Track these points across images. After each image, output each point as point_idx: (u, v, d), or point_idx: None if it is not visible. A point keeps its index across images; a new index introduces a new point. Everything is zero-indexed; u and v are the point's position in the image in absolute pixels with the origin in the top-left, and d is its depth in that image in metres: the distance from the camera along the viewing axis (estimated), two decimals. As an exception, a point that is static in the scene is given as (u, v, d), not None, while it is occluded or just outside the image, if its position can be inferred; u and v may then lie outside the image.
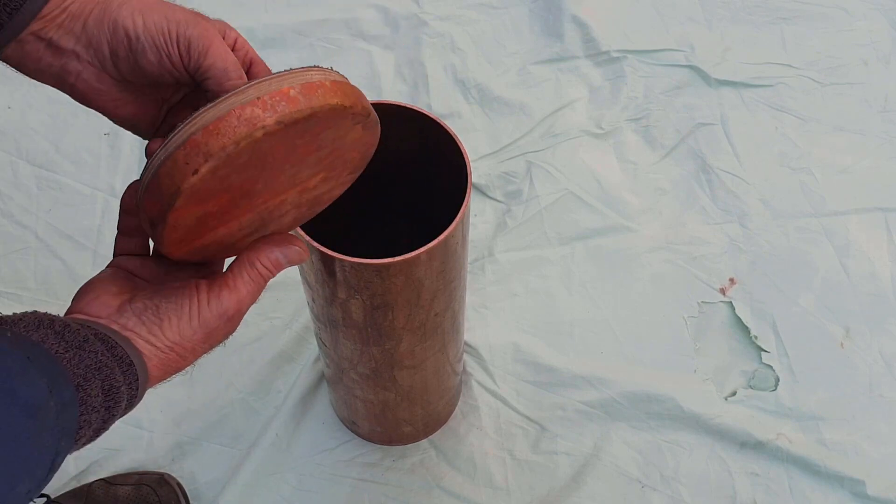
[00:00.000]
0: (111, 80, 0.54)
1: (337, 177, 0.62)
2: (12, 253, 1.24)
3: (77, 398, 0.46)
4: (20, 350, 0.44)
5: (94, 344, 0.49)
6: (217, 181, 0.52)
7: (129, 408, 0.52)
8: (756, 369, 1.17)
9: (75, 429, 0.46)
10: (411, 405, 1.00)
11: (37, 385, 0.43)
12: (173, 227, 0.54)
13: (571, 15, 1.45)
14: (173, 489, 1.03)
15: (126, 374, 0.50)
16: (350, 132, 0.58)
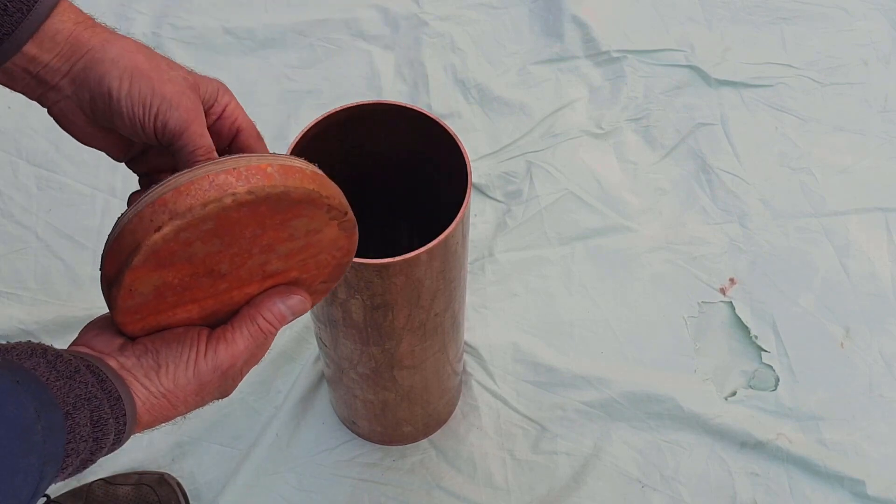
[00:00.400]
0: (85, 118, 0.55)
1: (309, 282, 0.59)
2: (12, 253, 1.24)
3: (65, 425, 0.46)
4: (9, 374, 0.44)
5: (85, 375, 0.49)
6: (180, 245, 0.50)
7: (116, 444, 0.51)
8: (756, 369, 1.17)
9: (62, 455, 0.46)
10: (411, 405, 1.00)
11: (25, 406, 0.43)
12: (128, 291, 0.52)
13: (571, 15, 1.46)
14: (173, 489, 1.03)
15: (114, 409, 0.50)
16: (326, 228, 0.56)
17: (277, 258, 0.56)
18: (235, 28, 1.44)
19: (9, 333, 1.16)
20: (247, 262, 0.55)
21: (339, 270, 0.61)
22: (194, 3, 1.48)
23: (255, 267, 0.56)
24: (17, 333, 1.16)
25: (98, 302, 1.19)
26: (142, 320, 0.55)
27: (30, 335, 1.16)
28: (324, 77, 1.42)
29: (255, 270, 0.56)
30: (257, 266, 0.56)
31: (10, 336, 1.16)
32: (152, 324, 0.55)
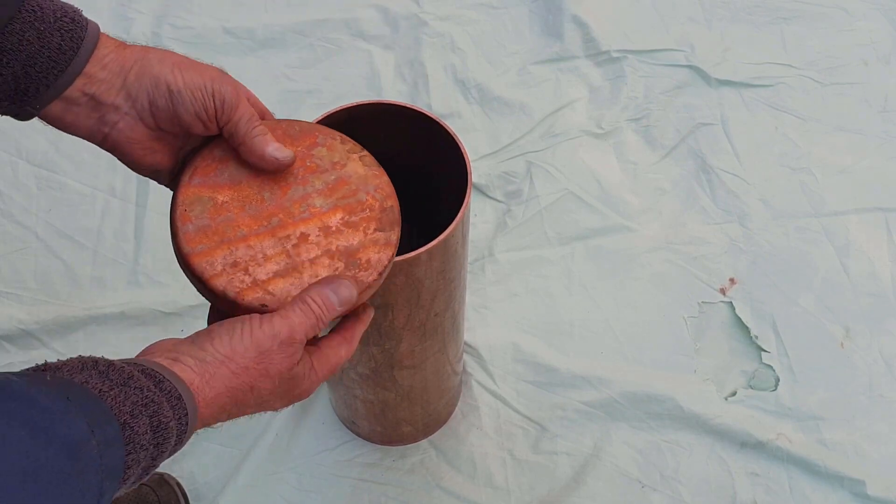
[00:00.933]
0: (144, 130, 0.59)
1: (363, 227, 0.62)
2: (12, 253, 1.24)
3: (122, 436, 0.46)
4: (59, 391, 0.44)
5: (140, 380, 0.49)
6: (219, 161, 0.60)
7: (178, 445, 0.52)
8: (756, 369, 1.17)
9: (122, 468, 0.46)
10: (411, 405, 1.00)
11: (76, 424, 0.43)
12: (183, 211, 0.58)
13: (571, 15, 1.46)
14: (173, 489, 1.03)
15: (175, 409, 0.50)
16: (349, 162, 0.63)
17: (317, 193, 0.62)
18: (235, 28, 1.44)
19: (9, 333, 1.16)
20: (287, 192, 0.61)
21: (390, 216, 0.64)
22: (194, 3, 1.48)
23: (298, 200, 0.61)
24: (17, 333, 1.16)
25: (98, 301, 1.20)
26: (207, 252, 0.58)
27: (30, 335, 1.16)
28: (324, 77, 1.42)
29: (299, 204, 0.61)
30: (300, 199, 0.61)
31: (10, 336, 1.16)
32: (218, 258, 0.58)
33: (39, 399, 0.43)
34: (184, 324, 1.18)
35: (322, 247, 0.61)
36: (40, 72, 0.54)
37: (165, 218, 1.38)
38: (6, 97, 0.54)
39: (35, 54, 0.53)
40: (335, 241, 0.61)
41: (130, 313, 1.18)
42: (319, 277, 0.60)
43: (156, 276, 1.22)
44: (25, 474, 0.40)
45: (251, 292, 0.58)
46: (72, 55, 0.55)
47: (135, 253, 1.24)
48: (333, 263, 0.60)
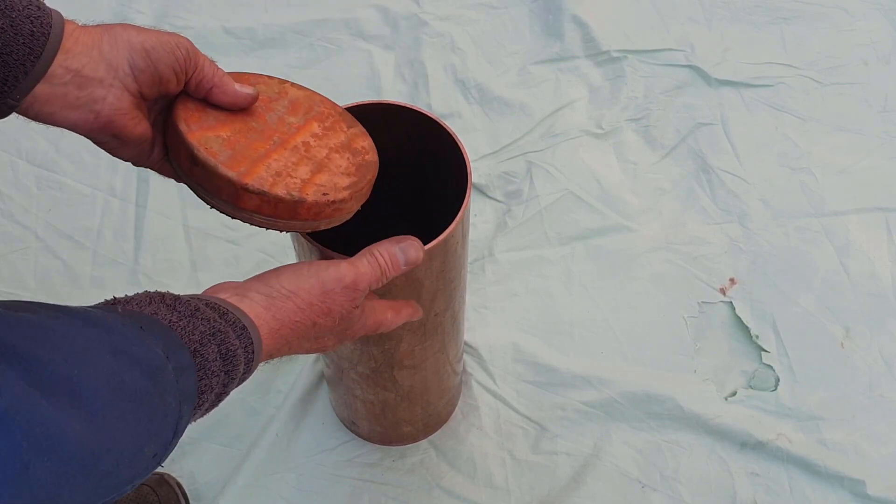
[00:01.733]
0: (129, 98, 0.60)
1: (338, 127, 0.69)
2: (12, 253, 1.24)
3: (195, 363, 0.48)
4: (133, 321, 0.46)
5: (206, 312, 0.51)
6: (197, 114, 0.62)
7: (247, 373, 0.54)
8: (756, 369, 1.17)
9: (196, 393, 0.48)
10: (411, 405, 1.00)
11: (153, 350, 0.45)
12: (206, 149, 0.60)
13: (571, 15, 1.45)
14: (173, 489, 1.03)
15: (241, 338, 0.52)
16: (285, 88, 0.69)
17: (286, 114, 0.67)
18: (235, 28, 1.44)
19: (9, 333, 1.16)
20: (265, 118, 0.66)
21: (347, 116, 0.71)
22: (194, 3, 1.48)
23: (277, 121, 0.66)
24: (17, 333, 1.16)
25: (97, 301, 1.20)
26: (250, 171, 0.61)
27: (30, 335, 1.16)
28: (324, 77, 1.42)
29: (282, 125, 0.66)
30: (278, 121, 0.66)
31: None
32: (262, 171, 0.61)
33: (117, 326, 0.44)
34: (184, 324, 1.18)
35: (325, 147, 0.67)
36: (17, 59, 0.54)
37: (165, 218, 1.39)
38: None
39: (10, 42, 0.54)
40: (329, 140, 0.68)
41: (130, 313, 1.18)
42: (342, 167, 0.66)
43: (156, 277, 1.22)
44: (114, 392, 0.41)
45: (308, 188, 0.62)
46: (44, 40, 0.55)
47: (135, 253, 1.24)
48: (343, 154, 0.67)
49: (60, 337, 0.41)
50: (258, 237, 1.25)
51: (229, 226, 1.26)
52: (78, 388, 0.39)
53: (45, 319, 0.42)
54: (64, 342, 0.41)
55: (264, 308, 0.55)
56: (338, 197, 0.63)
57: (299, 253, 0.79)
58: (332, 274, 0.58)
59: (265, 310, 0.55)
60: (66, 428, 0.38)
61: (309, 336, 0.59)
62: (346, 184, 0.64)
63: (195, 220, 1.27)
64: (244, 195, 0.60)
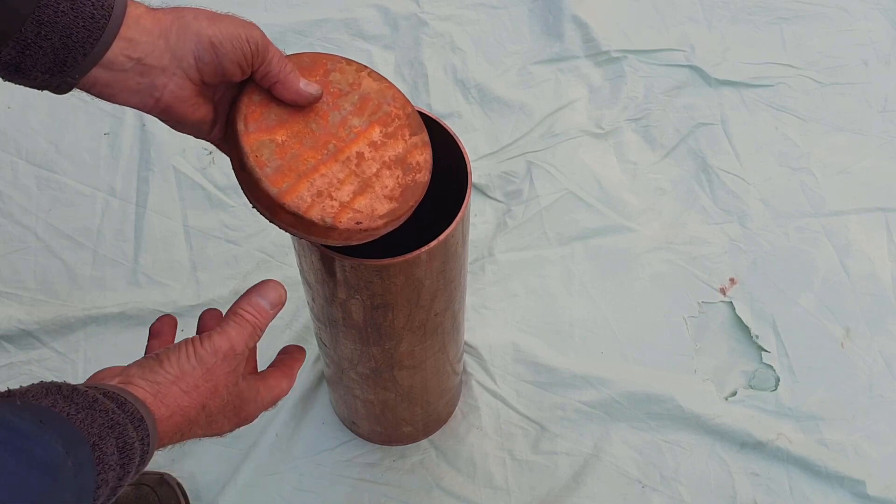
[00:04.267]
0: (191, 87, 0.62)
1: (400, 135, 0.68)
2: (12, 253, 1.24)
3: (93, 457, 0.47)
4: (32, 415, 0.46)
5: (105, 403, 0.50)
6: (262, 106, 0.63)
7: (141, 465, 0.53)
8: (756, 369, 1.17)
9: (93, 488, 0.47)
10: (411, 405, 1.00)
11: (53, 448, 0.45)
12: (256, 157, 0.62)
13: (571, 15, 1.45)
14: (173, 489, 1.03)
15: (138, 430, 0.51)
16: (363, 80, 0.69)
17: (351, 115, 0.67)
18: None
19: (9, 333, 1.16)
20: (327, 118, 0.66)
21: (415, 120, 0.70)
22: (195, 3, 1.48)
23: (339, 123, 0.67)
24: (17, 333, 1.16)
25: (98, 301, 1.20)
26: (293, 189, 0.62)
27: (30, 335, 1.16)
28: (324, 77, 1.42)
29: (342, 128, 0.66)
30: (340, 122, 0.67)
31: (10, 336, 1.16)
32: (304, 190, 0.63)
33: (16, 423, 0.44)
34: (184, 324, 1.17)
35: (378, 160, 0.67)
36: (77, 41, 0.56)
37: (165, 218, 1.39)
38: (47, 70, 0.56)
39: (70, 24, 0.55)
40: (385, 153, 0.67)
41: (130, 313, 1.18)
42: (388, 188, 0.66)
43: (156, 276, 1.22)
44: (11, 494, 0.41)
45: (344, 214, 0.63)
46: (104, 22, 0.56)
47: (135, 253, 1.24)
48: (394, 172, 0.67)
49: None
50: (258, 238, 1.25)
51: (229, 226, 1.26)
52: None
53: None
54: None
55: (152, 395, 0.54)
56: (371, 226, 0.64)
57: (299, 252, 0.79)
58: (207, 349, 0.57)
59: (153, 397, 0.55)
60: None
61: (200, 421, 0.59)
62: (384, 211, 0.65)
63: (195, 220, 1.27)
64: (280, 212, 0.62)
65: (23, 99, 1.38)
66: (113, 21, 0.57)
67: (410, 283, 0.75)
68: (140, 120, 1.35)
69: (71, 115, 1.36)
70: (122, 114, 1.35)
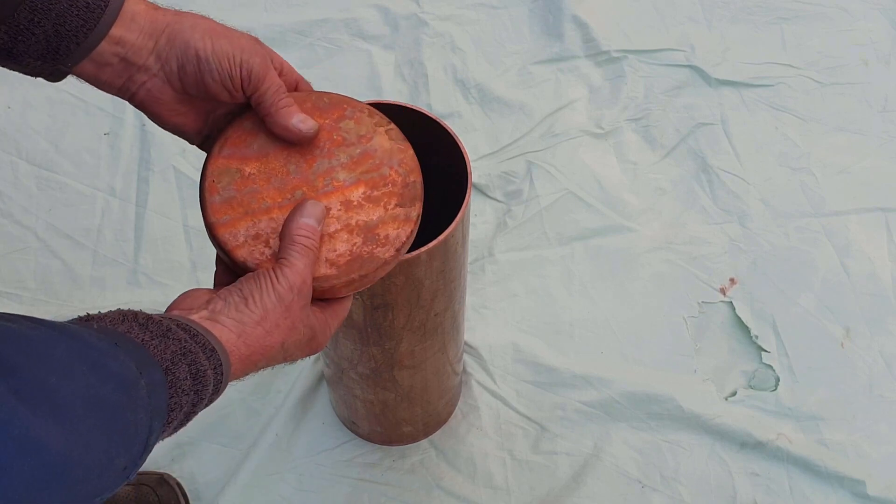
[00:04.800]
0: (171, 92, 0.61)
1: (384, 202, 0.63)
2: (12, 253, 1.24)
3: (166, 380, 0.49)
4: (108, 337, 0.47)
5: (178, 332, 0.51)
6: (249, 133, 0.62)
7: (215, 394, 0.54)
8: (756, 369, 1.17)
9: (167, 410, 0.49)
10: (411, 405, 1.00)
11: (127, 366, 0.46)
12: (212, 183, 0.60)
13: (571, 15, 1.45)
14: (173, 489, 1.03)
15: (210, 360, 0.52)
16: (375, 136, 0.64)
17: (341, 167, 0.63)
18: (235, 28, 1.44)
19: (9, 333, 1.16)
20: (312, 165, 0.63)
21: (412, 192, 0.64)
22: (194, 3, 1.48)
23: (323, 173, 0.63)
24: (17, 333, 1.16)
25: (98, 301, 1.20)
26: (231, 223, 0.61)
27: (30, 335, 1.16)
28: (324, 77, 1.42)
29: (323, 178, 0.63)
30: (324, 173, 0.63)
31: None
32: (241, 229, 0.61)
33: (93, 340, 0.45)
34: (184, 324, 1.18)
35: (342, 221, 0.62)
36: (70, 30, 0.56)
37: (165, 218, 1.39)
38: (39, 56, 0.57)
39: (64, 13, 0.55)
40: (355, 215, 0.63)
41: (130, 313, 1.18)
42: (335, 252, 0.61)
43: (156, 276, 1.22)
44: (88, 403, 0.42)
45: (269, 264, 0.60)
46: (100, 13, 0.57)
47: (135, 253, 1.24)
48: (352, 238, 0.62)
49: (40, 346, 0.42)
50: (258, 237, 1.25)
51: (229, 226, 1.26)
52: (56, 396, 0.40)
53: (26, 329, 0.42)
54: (43, 351, 0.42)
55: (236, 335, 0.55)
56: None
57: None
58: (284, 285, 0.57)
59: (237, 337, 0.55)
60: (43, 433, 0.38)
61: (277, 356, 0.59)
62: (318, 273, 0.61)
63: (195, 220, 1.27)
64: (213, 240, 0.62)
65: (23, 99, 1.38)
66: (109, 12, 0.57)
67: (410, 283, 0.75)
68: (140, 120, 1.35)
69: (71, 115, 1.36)
70: (122, 114, 1.35)
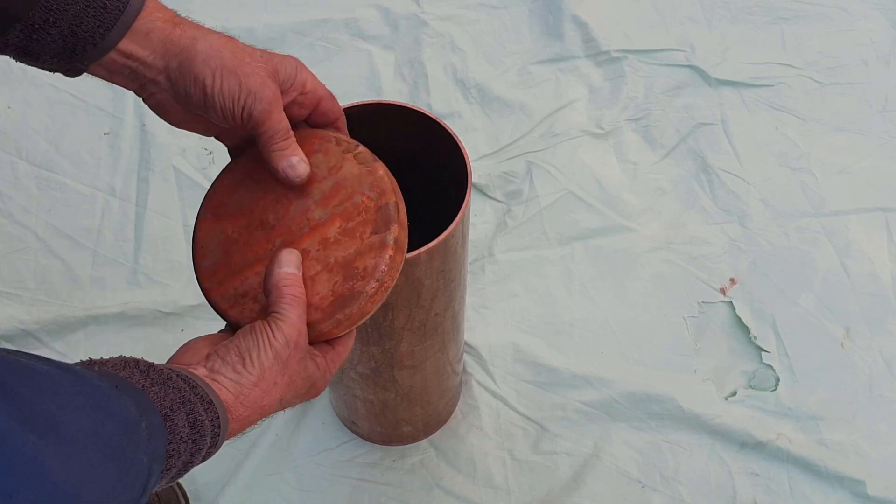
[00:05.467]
0: (180, 108, 0.62)
1: (359, 232, 0.62)
2: (12, 253, 1.24)
3: (165, 426, 0.50)
4: (110, 380, 0.48)
5: (177, 381, 0.52)
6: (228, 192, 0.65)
7: (213, 447, 0.55)
8: (756, 369, 1.17)
9: (165, 456, 0.49)
10: (411, 405, 1.00)
11: (128, 408, 0.47)
12: (201, 248, 0.64)
13: (571, 15, 1.46)
14: (173, 489, 1.03)
15: (208, 411, 0.53)
16: (344, 163, 0.64)
17: (315, 204, 0.63)
18: (235, 28, 1.44)
19: (9, 333, 1.16)
20: (289, 210, 0.64)
21: (385, 215, 0.63)
22: (194, 3, 1.48)
23: (299, 215, 0.63)
24: (18, 333, 1.16)
25: (98, 301, 1.20)
26: (221, 284, 0.63)
27: (30, 335, 1.16)
28: (324, 77, 1.41)
29: (299, 220, 0.63)
30: (300, 214, 0.63)
31: (10, 336, 1.16)
32: (231, 289, 0.63)
33: (96, 381, 0.46)
34: (184, 324, 1.18)
35: (321, 261, 0.62)
36: (87, 31, 0.56)
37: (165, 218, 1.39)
38: (56, 55, 0.57)
39: (81, 13, 0.56)
40: (332, 253, 0.62)
41: (130, 313, 1.18)
42: (318, 296, 0.61)
43: (156, 276, 1.22)
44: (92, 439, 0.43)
45: (260, 318, 0.61)
46: (117, 14, 0.57)
47: (135, 253, 1.24)
48: (332, 277, 0.62)
49: (48, 381, 0.43)
50: (258, 237, 1.25)
51: (229, 226, 1.26)
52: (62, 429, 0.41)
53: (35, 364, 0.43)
54: (50, 386, 0.43)
55: (234, 396, 0.56)
56: None
57: None
58: (280, 341, 0.58)
59: (235, 398, 0.56)
60: (48, 462, 0.39)
61: (274, 409, 0.60)
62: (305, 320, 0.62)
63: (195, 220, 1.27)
64: (208, 300, 0.64)
65: (23, 99, 1.38)
66: (127, 14, 0.57)
67: (410, 282, 0.75)
68: (140, 120, 1.35)
69: (71, 115, 1.36)
70: (122, 114, 1.35)
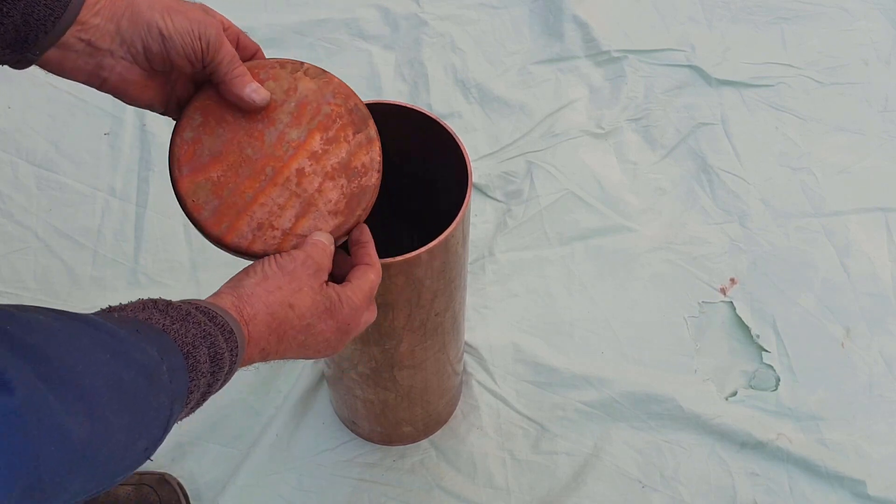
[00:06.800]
0: (139, 71, 0.63)
1: (342, 136, 0.66)
2: (12, 253, 1.24)
3: (186, 364, 0.51)
4: (129, 326, 0.50)
5: (197, 316, 0.54)
6: (193, 144, 0.64)
7: (229, 374, 0.56)
8: (756, 369, 1.17)
9: (186, 393, 0.51)
10: (411, 405, 1.00)
11: (148, 353, 0.48)
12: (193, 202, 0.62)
13: (572, 15, 1.45)
14: (174, 489, 1.03)
15: (228, 341, 0.55)
16: (298, 83, 0.67)
17: (288, 127, 0.65)
18: (235, 28, 1.44)
19: (9, 333, 1.16)
20: (264, 139, 0.65)
21: (358, 114, 0.67)
22: (194, 3, 1.48)
23: (276, 141, 0.65)
24: (17, 333, 1.16)
25: (98, 301, 1.19)
26: (231, 228, 0.63)
27: (30, 335, 1.16)
28: (324, 77, 1.42)
29: (279, 145, 0.65)
30: (277, 140, 0.65)
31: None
32: (244, 228, 0.63)
33: (115, 330, 0.47)
34: (184, 324, 1.18)
35: (320, 173, 0.65)
36: (38, 19, 0.57)
37: (166, 218, 1.39)
38: (8, 46, 0.58)
39: (33, 3, 0.57)
40: (327, 161, 0.65)
41: (130, 313, 1.18)
42: (332, 202, 0.64)
43: (156, 276, 1.22)
44: (112, 389, 0.44)
45: (287, 242, 0.64)
46: (66, 1, 0.58)
47: (135, 253, 1.24)
48: (337, 182, 0.65)
49: (66, 336, 0.44)
50: (258, 237, 1.25)
51: (229, 226, 1.26)
52: (81, 384, 0.42)
53: (51, 320, 0.44)
54: (69, 342, 0.44)
55: (237, 298, 0.59)
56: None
57: None
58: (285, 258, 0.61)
59: (238, 299, 0.59)
60: (71, 421, 0.41)
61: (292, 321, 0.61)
62: (329, 228, 0.65)
63: (195, 220, 1.27)
64: (226, 248, 0.64)
65: (23, 99, 1.38)
66: (74, 2, 0.58)
67: (411, 282, 0.75)
68: (140, 120, 1.35)
69: (71, 116, 1.36)
70: (122, 114, 1.35)
